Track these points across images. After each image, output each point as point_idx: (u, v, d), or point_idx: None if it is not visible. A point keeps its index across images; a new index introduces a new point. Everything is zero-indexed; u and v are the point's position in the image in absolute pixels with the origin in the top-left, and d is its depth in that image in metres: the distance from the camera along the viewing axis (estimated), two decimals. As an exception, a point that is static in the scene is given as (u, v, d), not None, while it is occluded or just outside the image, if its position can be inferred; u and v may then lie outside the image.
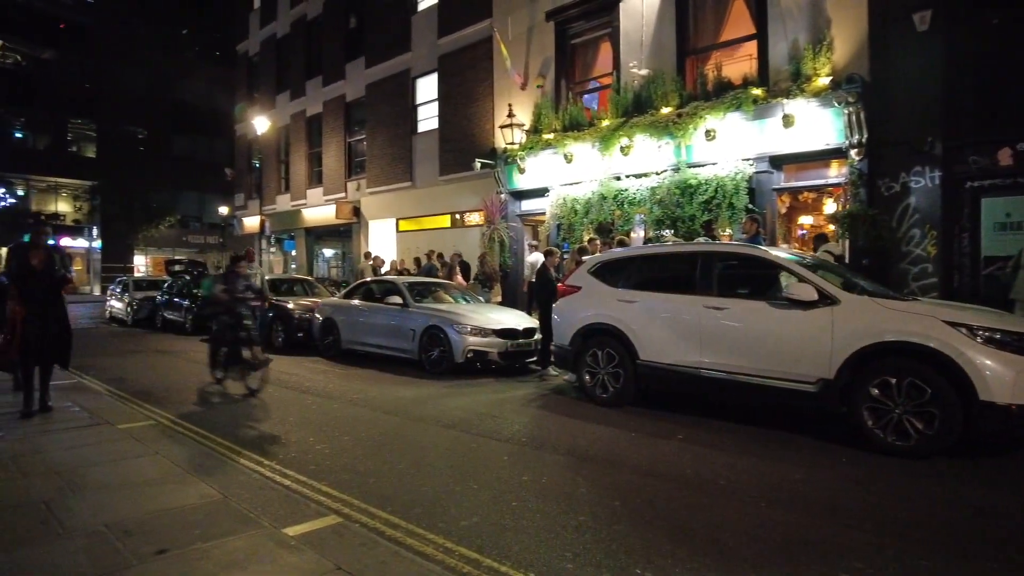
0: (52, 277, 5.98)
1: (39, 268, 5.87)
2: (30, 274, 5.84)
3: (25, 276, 5.84)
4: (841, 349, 5.13)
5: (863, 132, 8.64)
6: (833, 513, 3.74)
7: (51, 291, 5.99)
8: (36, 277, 5.86)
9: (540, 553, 3.21)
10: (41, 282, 5.89)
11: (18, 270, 5.89)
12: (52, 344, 5.95)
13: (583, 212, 11.97)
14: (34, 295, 5.81)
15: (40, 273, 5.88)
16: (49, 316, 5.93)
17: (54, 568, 2.87)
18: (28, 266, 5.84)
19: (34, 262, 5.86)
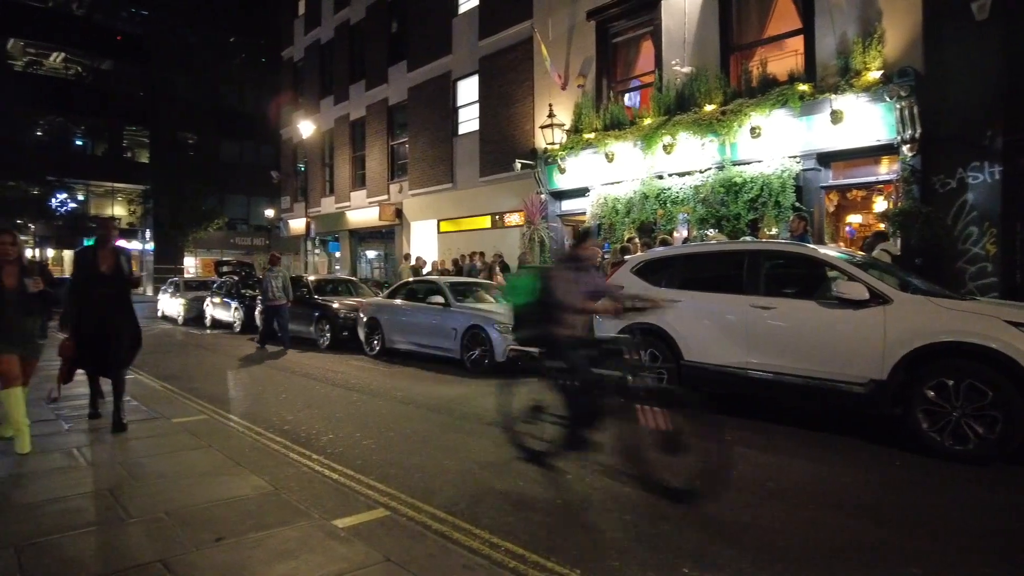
0: (121, 280, 5.54)
1: (108, 272, 5.45)
2: (98, 279, 5.41)
3: (92, 281, 5.42)
4: (894, 350, 4.99)
5: (916, 127, 8.36)
6: (886, 517, 3.64)
7: (121, 296, 5.54)
8: (104, 281, 5.43)
9: (586, 550, 3.21)
10: (110, 286, 5.46)
11: (85, 275, 5.47)
12: (120, 351, 5.50)
13: (624, 211, 11.89)
14: (100, 301, 5.37)
15: (108, 276, 5.45)
16: (120, 323, 5.47)
17: (123, 550, 3.00)
18: (96, 270, 5.41)
19: (103, 267, 5.43)
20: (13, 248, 4.71)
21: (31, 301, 4.76)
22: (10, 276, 4.65)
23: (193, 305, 17.95)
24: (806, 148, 9.60)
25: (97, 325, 5.36)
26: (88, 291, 5.38)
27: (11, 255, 4.69)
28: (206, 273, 32.48)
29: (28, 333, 4.79)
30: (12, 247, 4.69)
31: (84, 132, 36.86)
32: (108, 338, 5.40)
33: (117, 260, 5.53)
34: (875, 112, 8.79)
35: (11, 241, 4.70)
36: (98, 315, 5.37)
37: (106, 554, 2.97)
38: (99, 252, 5.49)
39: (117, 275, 5.50)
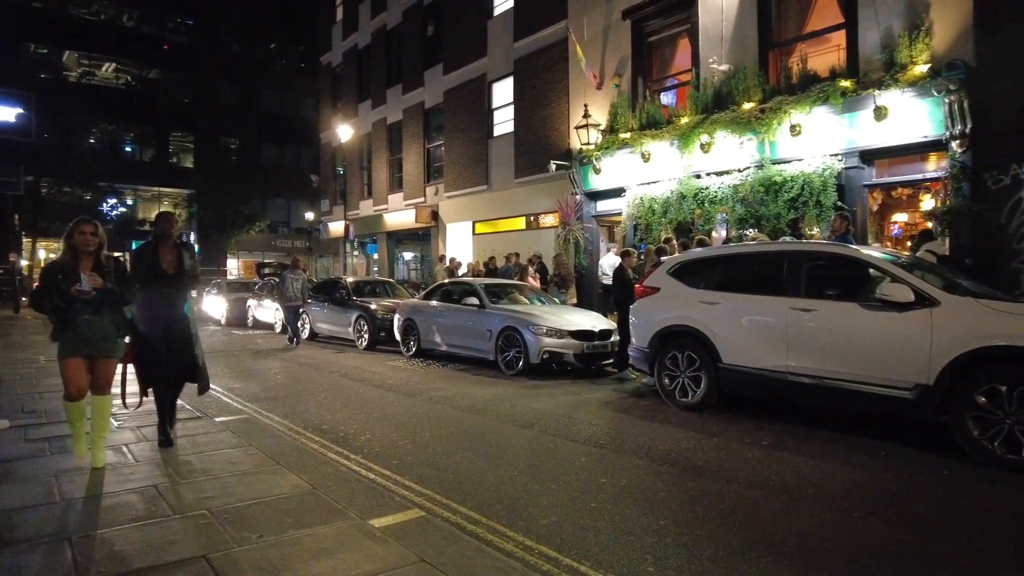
0: (183, 280, 5.00)
1: (170, 271, 4.91)
2: (159, 277, 4.87)
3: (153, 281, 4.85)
4: (941, 353, 4.82)
5: (967, 122, 8.07)
6: (932, 526, 3.52)
7: (183, 297, 5.04)
8: (166, 281, 4.89)
9: (620, 555, 3.19)
10: (172, 287, 4.92)
11: (145, 274, 4.87)
12: (182, 362, 4.98)
13: (661, 212, 11.77)
14: (162, 302, 4.85)
15: (171, 275, 4.91)
16: (181, 330, 4.96)
17: (170, 545, 3.10)
18: (158, 269, 4.87)
19: (165, 265, 4.90)
20: (93, 239, 4.33)
21: (108, 296, 4.31)
22: (85, 269, 4.28)
23: (236, 306, 18.40)
24: (848, 145, 9.37)
25: (160, 329, 4.84)
26: (149, 291, 4.85)
27: (90, 246, 4.32)
28: (248, 275, 33.30)
29: (103, 331, 4.34)
30: (92, 237, 4.32)
31: (133, 139, 38.12)
32: (173, 343, 4.89)
33: (180, 257, 5.01)
34: (922, 107, 8.51)
35: (92, 231, 4.33)
36: (161, 318, 4.84)
37: (152, 548, 3.06)
38: (160, 248, 4.98)
39: (180, 273, 4.99)
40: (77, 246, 4.28)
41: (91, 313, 4.26)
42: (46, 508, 3.58)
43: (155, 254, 4.95)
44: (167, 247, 5.02)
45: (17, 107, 9.26)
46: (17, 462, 4.48)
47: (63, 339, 4.25)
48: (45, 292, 4.23)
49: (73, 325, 4.22)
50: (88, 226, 4.33)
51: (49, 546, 3.08)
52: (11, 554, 2.99)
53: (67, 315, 4.21)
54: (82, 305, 4.21)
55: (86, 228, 4.31)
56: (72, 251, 4.29)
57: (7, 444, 4.93)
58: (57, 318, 4.24)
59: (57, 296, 4.17)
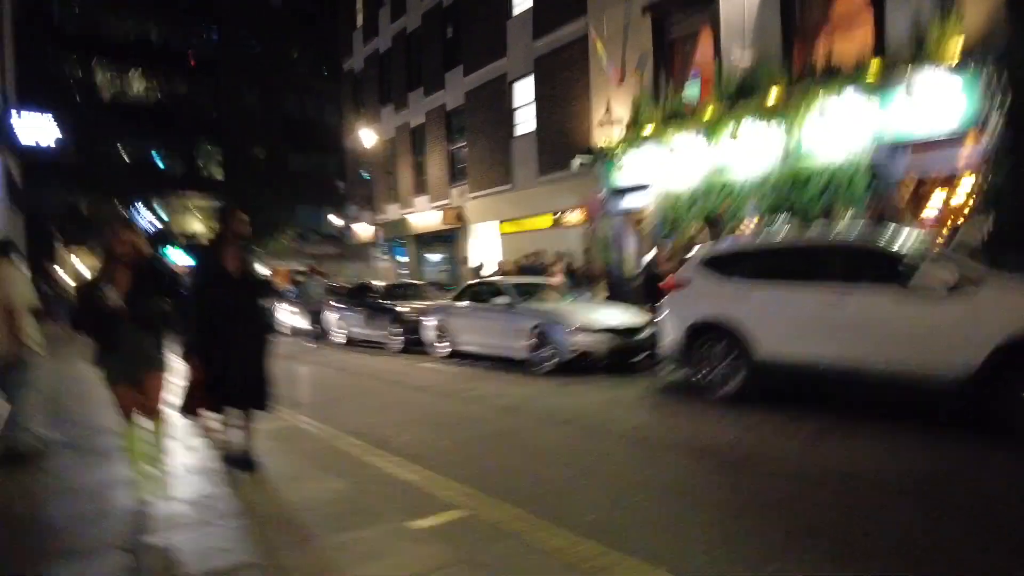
0: (252, 284, 4.41)
1: (236, 274, 4.30)
2: (225, 286, 4.28)
3: (217, 290, 4.26)
4: (986, 338, 4.72)
5: (1004, 100, 7.84)
6: (983, 514, 3.45)
7: (251, 305, 4.42)
8: (233, 289, 4.30)
9: (669, 548, 3.18)
10: (239, 293, 4.31)
11: (208, 283, 4.29)
12: (253, 379, 4.39)
13: (688, 204, 11.66)
14: (230, 314, 4.24)
15: (239, 282, 4.31)
16: (250, 342, 4.37)
17: (221, 551, 3.18)
18: (222, 272, 4.27)
19: (230, 266, 4.28)
20: (129, 247, 3.86)
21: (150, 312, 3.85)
22: (122, 282, 3.79)
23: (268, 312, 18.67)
24: (879, 132, 9.17)
25: (229, 346, 4.22)
26: (213, 303, 4.20)
27: (127, 255, 3.83)
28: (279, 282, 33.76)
29: (145, 351, 3.88)
30: (129, 246, 3.85)
31: (163, 152, 39.04)
32: (246, 362, 4.30)
33: (247, 260, 4.41)
34: (954, 88, 8.29)
35: (129, 238, 3.86)
36: (230, 333, 4.22)
37: (203, 555, 3.15)
38: (224, 250, 4.29)
39: (249, 280, 4.35)
40: (115, 255, 3.84)
41: (135, 331, 3.80)
42: (99, 518, 3.70)
43: (218, 257, 4.26)
44: (233, 249, 4.32)
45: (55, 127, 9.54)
46: (69, 473, 4.64)
47: (107, 364, 3.82)
48: (84, 310, 3.81)
49: (115, 346, 3.77)
50: (125, 232, 3.89)
51: (104, 554, 3.18)
52: (67, 562, 3.09)
53: (109, 335, 3.74)
54: (124, 323, 3.75)
55: (123, 234, 3.87)
56: (109, 261, 3.85)
57: (58, 456, 5.10)
58: (97, 338, 3.80)
59: (96, 314, 3.71)
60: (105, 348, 3.81)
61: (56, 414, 6.73)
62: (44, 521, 3.65)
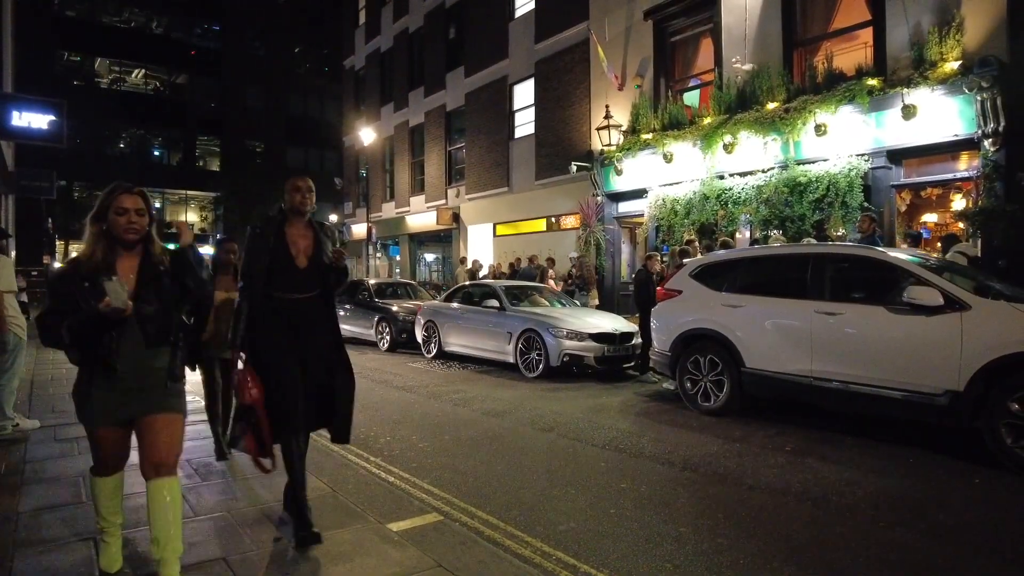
0: (326, 276, 3.35)
1: (306, 264, 3.28)
2: (290, 275, 3.25)
3: (279, 280, 3.24)
4: (972, 359, 4.70)
5: (1000, 120, 7.86)
6: (962, 537, 3.43)
7: (327, 303, 3.42)
8: (301, 280, 3.27)
9: (639, 563, 3.15)
10: (311, 290, 3.31)
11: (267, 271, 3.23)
12: (325, 397, 3.36)
13: (684, 213, 11.66)
14: (295, 312, 3.26)
15: (307, 272, 3.29)
16: (319, 349, 3.35)
17: (191, 546, 3.12)
18: (287, 261, 3.25)
19: (297, 256, 3.27)
20: (141, 220, 2.60)
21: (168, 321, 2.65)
22: (127, 270, 2.60)
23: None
24: (876, 145, 9.20)
25: (294, 357, 3.24)
26: (273, 296, 3.24)
27: (134, 232, 2.59)
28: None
29: (155, 379, 2.62)
30: (139, 218, 2.60)
31: (161, 143, 38.92)
32: (316, 379, 3.30)
33: (318, 242, 3.36)
34: (952, 105, 8.33)
35: (137, 206, 2.59)
36: (295, 335, 3.26)
37: (174, 550, 3.10)
38: (288, 229, 3.32)
39: (319, 268, 3.33)
40: (115, 232, 2.56)
41: (138, 347, 2.56)
42: (73, 508, 3.65)
43: (281, 238, 3.29)
44: (299, 227, 3.35)
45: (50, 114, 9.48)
46: (46, 462, 4.59)
47: (90, 394, 2.55)
48: (57, 313, 2.50)
49: (106, 369, 2.52)
50: (129, 197, 2.58)
51: (75, 546, 3.14)
52: (39, 553, 3.05)
53: (97, 351, 2.51)
54: (120, 333, 2.52)
55: (127, 200, 2.56)
56: (104, 241, 2.57)
57: (37, 444, 5.05)
58: (80, 356, 2.56)
59: (78, 320, 2.45)
60: (92, 370, 2.54)
61: (35, 400, 6.68)
62: (16, 510, 3.59)
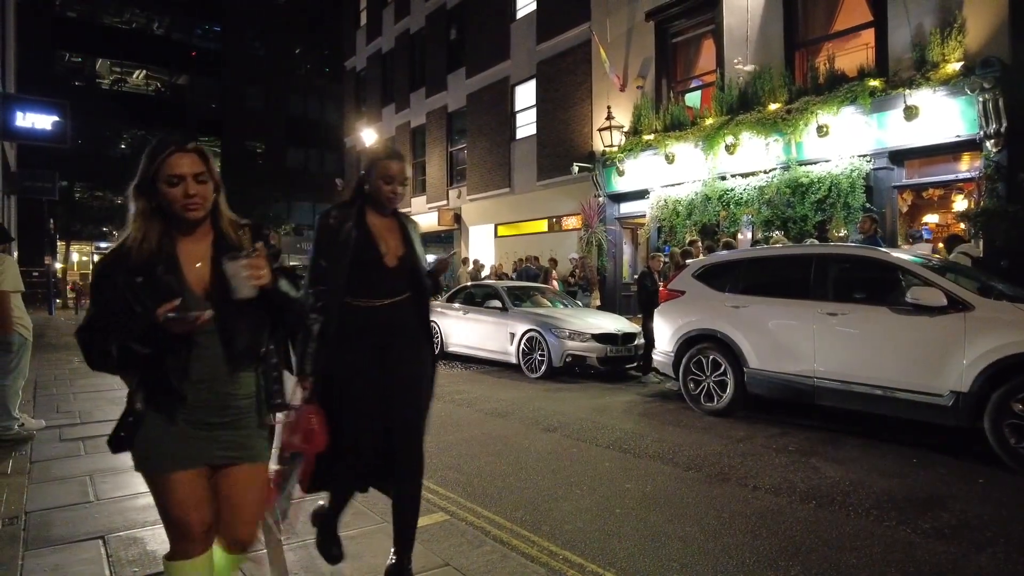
0: (420, 280, 2.69)
1: (396, 263, 2.61)
2: (376, 275, 2.58)
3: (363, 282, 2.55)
4: (976, 359, 4.71)
5: (1001, 121, 7.87)
6: (966, 536, 3.44)
7: (420, 312, 2.72)
8: (389, 282, 2.60)
9: (645, 562, 3.17)
10: (400, 295, 2.62)
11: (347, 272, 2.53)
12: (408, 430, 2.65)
13: (686, 214, 11.67)
14: (380, 322, 2.58)
15: (397, 272, 2.61)
16: (418, 371, 2.70)
17: (195, 548, 3.15)
18: (373, 259, 2.56)
19: (383, 250, 2.59)
20: (203, 188, 1.85)
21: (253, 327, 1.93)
22: (194, 258, 1.89)
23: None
24: (877, 146, 9.21)
25: (375, 378, 2.57)
26: (353, 304, 2.56)
27: (197, 206, 1.85)
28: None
29: (234, 409, 1.91)
30: (201, 185, 1.84)
31: (162, 143, 38.99)
32: (395, 401, 2.61)
33: (408, 241, 2.69)
34: (954, 106, 8.34)
35: (198, 169, 1.84)
36: (380, 357, 2.58)
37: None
38: (370, 220, 2.62)
39: (410, 269, 2.66)
40: (170, 209, 1.83)
41: (218, 367, 1.86)
42: (81, 508, 3.67)
43: (364, 231, 2.59)
44: (384, 218, 2.67)
45: (54, 115, 9.51)
46: (52, 462, 4.60)
47: (148, 433, 1.83)
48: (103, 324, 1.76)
49: (174, 398, 1.82)
50: (185, 158, 1.81)
51: (84, 545, 3.15)
52: (49, 552, 3.06)
53: (159, 375, 1.80)
54: (192, 348, 1.82)
55: (181, 163, 1.80)
56: (157, 220, 1.84)
57: (42, 444, 5.06)
58: (138, 381, 1.84)
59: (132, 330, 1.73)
60: (150, 399, 1.83)
61: (39, 400, 6.69)
62: (24, 510, 3.60)
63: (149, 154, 1.83)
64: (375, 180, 2.61)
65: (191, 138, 1.94)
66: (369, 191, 2.65)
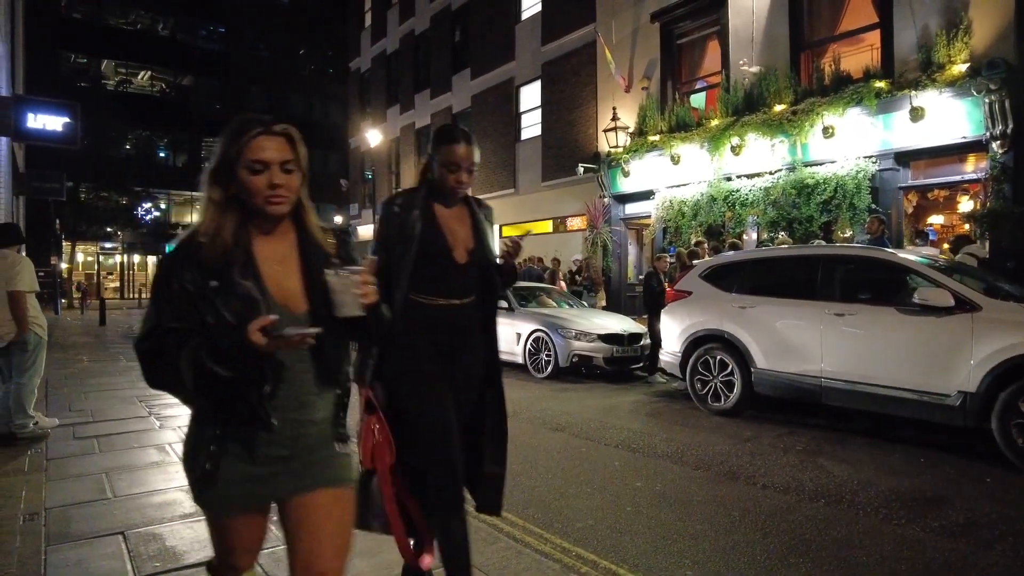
0: (488, 272, 2.45)
1: (464, 256, 2.35)
2: (448, 273, 2.33)
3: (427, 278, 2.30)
4: (984, 359, 4.74)
5: (1008, 122, 7.90)
6: (973, 535, 3.47)
7: (488, 315, 2.50)
8: (458, 273, 2.35)
9: (657, 559, 3.20)
10: (467, 285, 2.38)
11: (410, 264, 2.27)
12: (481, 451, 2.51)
13: (691, 214, 11.71)
14: (449, 323, 2.35)
15: (466, 266, 2.36)
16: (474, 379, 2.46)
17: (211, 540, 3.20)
18: (443, 252, 2.31)
19: (452, 243, 2.33)
20: (290, 180, 1.57)
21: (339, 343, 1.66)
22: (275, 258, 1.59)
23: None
24: (883, 147, 9.24)
25: (446, 387, 2.33)
26: (419, 302, 2.32)
27: (281, 199, 1.55)
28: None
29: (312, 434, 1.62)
30: (287, 176, 1.56)
31: (167, 144, 39.11)
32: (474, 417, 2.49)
33: (479, 233, 2.41)
34: (960, 108, 8.37)
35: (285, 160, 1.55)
36: (449, 360, 2.35)
37: (201, 544, 3.17)
38: (438, 210, 2.36)
39: (481, 265, 2.41)
40: (250, 201, 1.54)
41: (301, 389, 1.59)
42: (99, 504, 3.72)
43: (431, 222, 2.32)
44: (453, 207, 2.39)
45: (65, 116, 9.58)
46: (68, 459, 4.65)
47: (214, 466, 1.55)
48: (170, 340, 1.45)
49: (257, 429, 1.54)
50: (271, 142, 1.54)
51: (105, 540, 3.20)
52: (70, 547, 3.11)
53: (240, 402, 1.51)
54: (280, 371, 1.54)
55: (266, 147, 1.53)
56: (235, 212, 1.55)
57: (57, 442, 5.12)
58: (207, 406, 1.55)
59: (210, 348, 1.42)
60: (226, 429, 1.55)
61: (51, 399, 6.75)
62: (43, 506, 3.66)
63: (230, 134, 1.55)
64: (438, 167, 2.32)
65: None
66: (433, 178, 2.36)
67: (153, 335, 1.47)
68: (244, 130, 1.53)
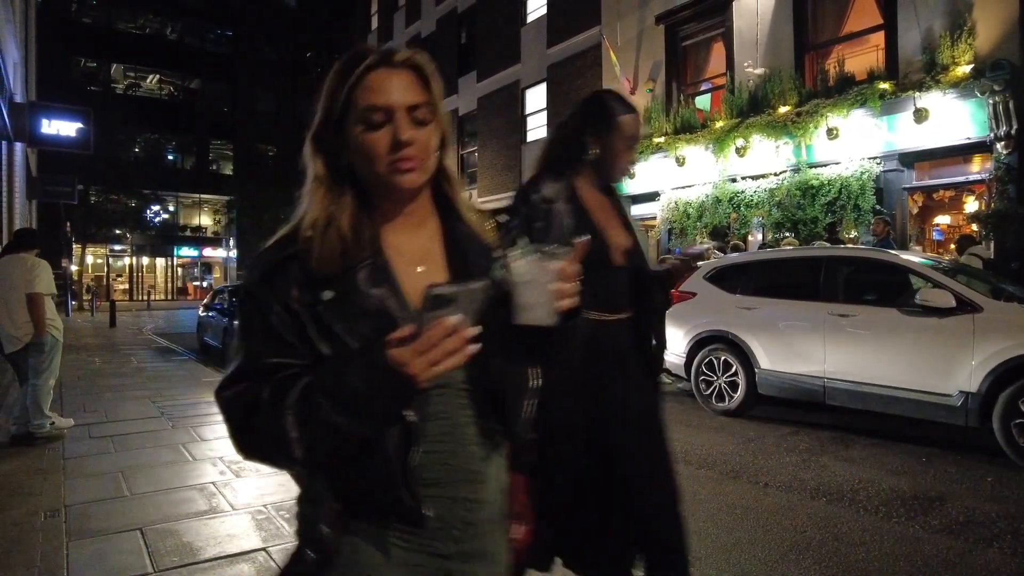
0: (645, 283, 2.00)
1: (622, 259, 1.93)
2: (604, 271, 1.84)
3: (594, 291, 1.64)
4: (985, 360, 4.79)
5: (1012, 123, 7.92)
6: (974, 533, 3.53)
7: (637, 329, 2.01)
8: (616, 281, 1.92)
9: (661, 555, 3.27)
10: (624, 296, 1.94)
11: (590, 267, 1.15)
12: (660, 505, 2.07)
13: (696, 216, 11.77)
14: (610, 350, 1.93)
15: (624, 272, 1.94)
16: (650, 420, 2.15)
17: (231, 538, 3.29)
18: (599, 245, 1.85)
19: (612, 245, 1.92)
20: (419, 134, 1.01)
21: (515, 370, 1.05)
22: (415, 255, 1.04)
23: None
24: (888, 148, 9.26)
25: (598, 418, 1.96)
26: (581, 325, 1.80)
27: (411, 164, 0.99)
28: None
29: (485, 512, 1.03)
30: (416, 129, 1.00)
31: (175, 147, 39.42)
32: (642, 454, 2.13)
33: (630, 227, 2.05)
34: (964, 109, 8.39)
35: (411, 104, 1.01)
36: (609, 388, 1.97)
37: (216, 541, 3.26)
38: (588, 201, 1.96)
39: (637, 272, 2.00)
40: (366, 168, 1.01)
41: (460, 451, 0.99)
42: (117, 502, 3.82)
43: (583, 215, 1.92)
44: (600, 196, 2.03)
45: (78, 121, 9.74)
46: (85, 458, 4.77)
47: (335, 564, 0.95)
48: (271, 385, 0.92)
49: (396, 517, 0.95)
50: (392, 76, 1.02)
51: (125, 536, 3.30)
52: (91, 542, 3.22)
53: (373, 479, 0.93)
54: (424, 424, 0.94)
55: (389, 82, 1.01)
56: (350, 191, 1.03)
57: (73, 441, 5.23)
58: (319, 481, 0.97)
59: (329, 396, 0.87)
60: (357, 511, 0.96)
61: (65, 399, 6.87)
62: (63, 504, 3.76)
63: (336, 75, 1.07)
64: (614, 142, 1.87)
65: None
66: (594, 158, 1.89)
67: (243, 378, 0.96)
68: (354, 63, 1.03)
